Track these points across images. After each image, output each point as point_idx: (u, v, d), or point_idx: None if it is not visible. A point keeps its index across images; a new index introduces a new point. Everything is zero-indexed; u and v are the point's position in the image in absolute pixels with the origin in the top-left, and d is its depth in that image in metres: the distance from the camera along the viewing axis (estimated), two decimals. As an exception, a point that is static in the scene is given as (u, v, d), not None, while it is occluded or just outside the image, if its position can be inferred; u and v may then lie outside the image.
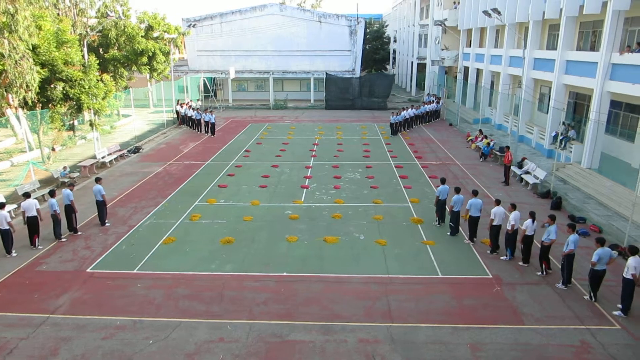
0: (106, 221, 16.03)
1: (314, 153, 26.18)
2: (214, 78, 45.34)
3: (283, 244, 14.55)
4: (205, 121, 31.63)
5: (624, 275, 10.73)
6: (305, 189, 19.81)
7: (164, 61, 36.17)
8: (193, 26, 42.60)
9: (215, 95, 45.27)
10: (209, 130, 31.42)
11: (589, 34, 24.70)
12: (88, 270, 12.86)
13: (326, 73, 43.68)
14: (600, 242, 11.18)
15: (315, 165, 23.72)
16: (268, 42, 45.82)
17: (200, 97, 42.97)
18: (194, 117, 32.67)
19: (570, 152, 22.32)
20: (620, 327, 10.36)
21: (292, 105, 44.59)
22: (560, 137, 22.06)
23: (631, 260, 10.63)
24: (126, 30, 32.90)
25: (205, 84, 43.11)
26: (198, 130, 32.45)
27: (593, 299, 11.33)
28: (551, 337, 10.00)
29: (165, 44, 37.20)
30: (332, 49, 45.93)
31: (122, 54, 33.71)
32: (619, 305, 10.92)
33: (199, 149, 27.33)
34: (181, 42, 43.84)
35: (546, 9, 24.94)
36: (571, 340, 9.91)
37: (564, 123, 22.97)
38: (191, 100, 37.82)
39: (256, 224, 16.04)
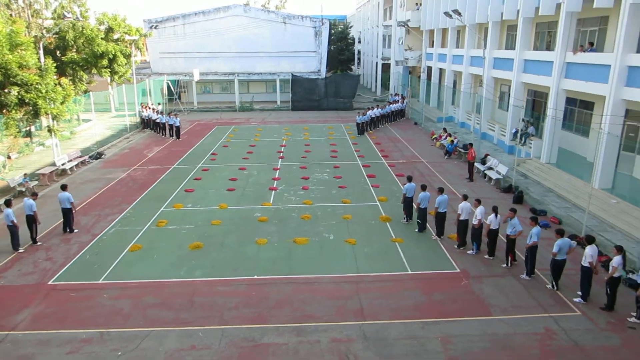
0: (74, 229, 15.58)
1: (281, 155, 26.12)
2: (178, 80, 44.59)
3: (252, 246, 14.46)
4: (169, 125, 31.07)
5: (582, 264, 11.22)
6: (273, 191, 19.74)
7: (126, 64, 35.26)
8: (155, 28, 41.74)
9: (179, 98, 44.52)
10: (174, 134, 30.87)
11: (544, 35, 25.62)
12: (50, 282, 12.40)
13: (292, 74, 43.65)
14: (560, 233, 11.65)
15: (283, 166, 23.67)
16: (233, 44, 45.40)
17: (164, 100, 42.15)
18: (158, 121, 32.04)
19: (530, 147, 23.09)
20: (580, 313, 10.80)
21: (258, 107, 44.34)
22: (520, 134, 22.79)
23: (588, 249, 11.13)
24: (85, 32, 31.89)
25: (169, 87, 42.32)
26: (162, 134, 31.84)
27: (555, 288, 11.77)
28: (517, 326, 10.32)
29: (127, 46, 36.29)
30: (298, 50, 45.94)
31: (81, 56, 32.67)
32: (579, 293, 11.39)
33: (164, 153, 26.82)
34: (143, 44, 42.93)
35: (504, 10, 25.71)
36: (536, 328, 10.26)
37: (523, 120, 23.76)
38: (153, 104, 37.05)
39: (225, 228, 15.88)
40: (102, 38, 33.22)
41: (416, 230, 15.47)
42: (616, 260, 10.67)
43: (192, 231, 15.64)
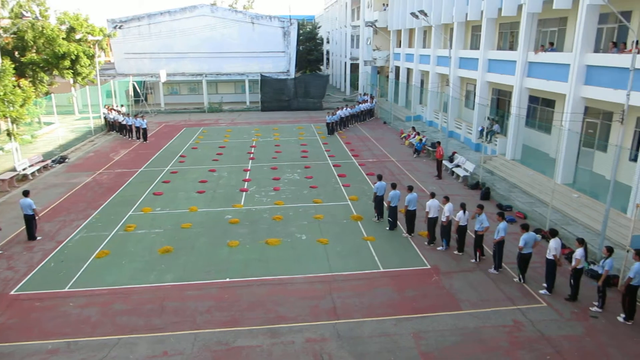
0: (37, 236, 15.08)
1: (251, 155, 25.95)
2: (144, 82, 43.66)
3: (224, 249, 14.32)
4: (136, 127, 30.40)
5: (547, 257, 11.61)
6: (244, 192, 19.59)
7: (89, 65, 34.23)
8: (119, 28, 40.70)
9: (146, 99, 43.62)
10: (141, 136, 30.22)
11: (507, 35, 26.35)
12: (12, 292, 11.94)
13: (261, 74, 43.43)
14: (525, 227, 12.03)
15: (254, 167, 23.52)
16: (200, 44, 44.80)
17: (130, 101, 41.21)
18: (124, 123, 31.30)
19: (496, 145, 23.69)
20: (546, 305, 11.17)
21: (227, 107, 43.91)
22: (485, 132, 23.35)
23: (552, 242, 11.53)
24: (45, 32, 30.81)
25: (134, 88, 41.40)
26: (129, 137, 31.10)
27: (522, 281, 12.13)
28: (487, 319, 10.58)
29: (90, 47, 35.27)
30: (266, 50, 45.74)
31: (42, 57, 31.56)
32: (544, 285, 11.78)
33: (131, 156, 26.23)
34: (107, 45, 41.82)
35: (468, 11, 26.29)
36: (505, 320, 10.54)
37: (488, 118, 24.37)
38: (118, 105, 36.17)
39: (195, 231, 15.66)
40: (63, 38, 32.18)
41: (387, 228, 15.65)
42: (578, 252, 11.08)
43: (161, 235, 15.35)
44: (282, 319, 10.68)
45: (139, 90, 41.73)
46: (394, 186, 15.68)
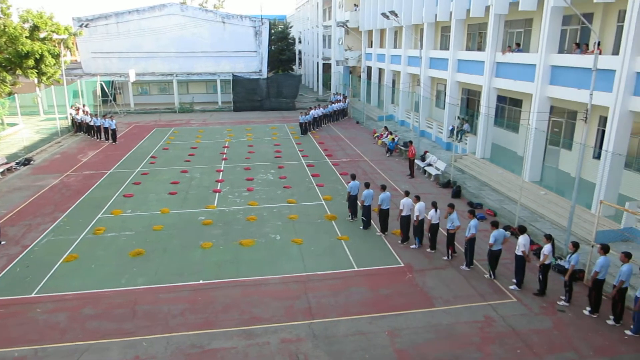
0: (1, 241, 14.55)
1: (224, 156, 25.70)
2: (113, 81, 42.67)
3: (197, 251, 14.14)
4: (105, 127, 29.68)
5: (516, 253, 11.92)
6: (217, 193, 19.39)
7: (54, 64, 33.25)
8: (85, 26, 39.64)
9: (114, 99, 42.64)
10: (110, 137, 29.54)
11: (476, 36, 26.89)
12: (-25, 298, 11.51)
13: (233, 74, 43.05)
14: (495, 225, 12.32)
15: (227, 168, 23.30)
16: (170, 43, 44.07)
17: (98, 102, 40.19)
18: (91, 124, 30.50)
19: (466, 144, 24.15)
20: (516, 300, 11.45)
21: (199, 108, 43.35)
22: (456, 131, 23.75)
23: (521, 239, 11.84)
24: (7, 30, 29.78)
25: (102, 88, 40.40)
26: (97, 138, 30.34)
27: (492, 277, 12.40)
28: (459, 315, 10.78)
29: (55, 46, 34.26)
30: (238, 50, 45.36)
31: (4, 56, 30.48)
32: (514, 280, 12.07)
33: (100, 158, 25.59)
34: (73, 44, 40.63)
35: (438, 12, 26.72)
36: (476, 316, 10.76)
37: (459, 117, 24.80)
38: (84, 105, 35.24)
39: (167, 233, 15.41)
40: (26, 37, 31.18)
41: (361, 227, 15.75)
42: (546, 248, 11.41)
43: (132, 238, 15.04)
44: (257, 320, 10.61)
45: (107, 90, 40.76)
46: (367, 185, 15.80)
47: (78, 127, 31.99)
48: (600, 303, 10.82)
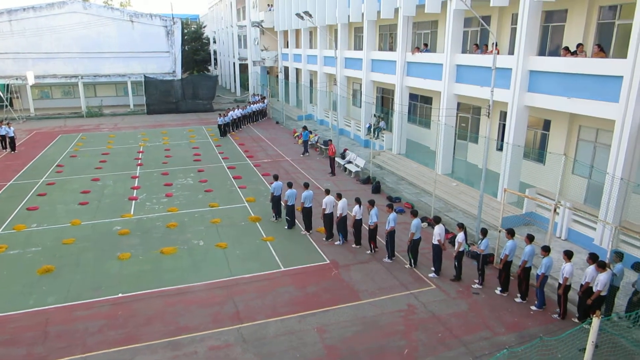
0: None
1: (139, 162, 24.51)
2: (8, 85, 38.97)
3: (114, 262, 13.37)
4: (1, 135, 27.04)
5: (433, 242, 12.61)
6: (134, 201, 18.46)
7: None
8: (-29, 24, 35.88)
9: (11, 104, 38.96)
10: (7, 146, 26.99)
11: (387, 36, 27.98)
12: None
13: (144, 76, 41.16)
14: (414, 214, 12.95)
15: (143, 174, 22.25)
16: (73, 43, 41.10)
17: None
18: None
19: (383, 140, 25.07)
20: (435, 287, 12.12)
21: (108, 111, 40.95)
22: (373, 128, 24.60)
23: (436, 229, 12.55)
24: None
25: (-5, 92, 36.79)
26: (-8, 147, 27.61)
27: (413, 266, 13.01)
28: (384, 306, 11.19)
29: None
30: (149, 50, 43.40)
31: None
32: (432, 268, 12.77)
33: (-4, 169, 23.31)
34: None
35: (350, 13, 27.42)
36: (400, 305, 11.23)
37: (375, 115, 25.69)
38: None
39: (80, 246, 14.41)
40: None
41: (286, 227, 15.79)
42: (460, 236, 12.20)
43: (39, 254, 13.88)
44: (183, 330, 10.27)
45: (1, 95, 37.18)
46: (290, 185, 15.87)
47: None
48: (509, 282, 11.77)
